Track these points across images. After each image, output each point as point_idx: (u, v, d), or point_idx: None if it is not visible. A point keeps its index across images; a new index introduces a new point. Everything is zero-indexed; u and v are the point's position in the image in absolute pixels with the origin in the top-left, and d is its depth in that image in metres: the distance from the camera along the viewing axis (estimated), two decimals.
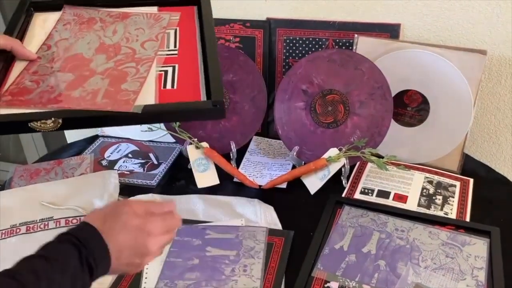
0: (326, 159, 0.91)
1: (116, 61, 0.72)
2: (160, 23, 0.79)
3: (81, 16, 0.81)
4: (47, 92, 0.66)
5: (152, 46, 0.74)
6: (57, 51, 0.74)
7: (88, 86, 0.67)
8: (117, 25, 0.79)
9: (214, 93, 0.65)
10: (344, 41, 1.05)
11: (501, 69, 0.99)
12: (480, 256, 0.74)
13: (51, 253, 0.51)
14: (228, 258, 0.76)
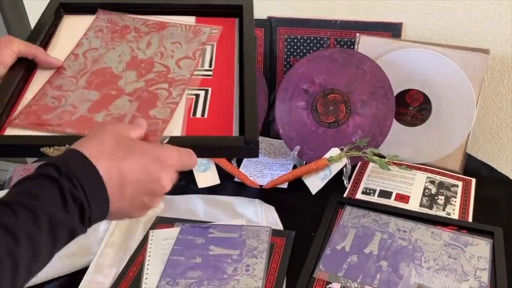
0: (328, 159, 0.91)
1: (148, 81, 0.65)
2: (199, 37, 0.72)
3: (114, 23, 0.73)
4: (68, 113, 0.59)
5: (188, 65, 0.67)
6: (85, 63, 0.67)
7: (113, 109, 0.60)
8: (152, 37, 0.72)
9: (249, 130, 0.57)
10: (345, 40, 1.04)
11: (504, 69, 0.99)
12: (483, 257, 0.74)
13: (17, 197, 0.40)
14: (231, 257, 0.75)
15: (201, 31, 0.73)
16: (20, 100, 0.62)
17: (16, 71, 0.63)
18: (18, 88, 0.62)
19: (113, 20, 0.74)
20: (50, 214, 0.39)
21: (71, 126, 0.58)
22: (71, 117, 0.59)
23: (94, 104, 0.61)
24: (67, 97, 0.62)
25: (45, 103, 0.61)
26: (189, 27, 0.73)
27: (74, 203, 0.41)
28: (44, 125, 0.58)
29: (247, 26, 0.73)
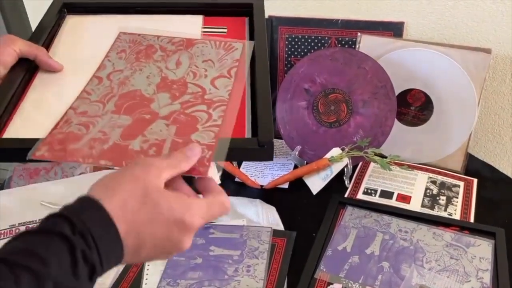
0: (329, 159, 0.90)
1: (183, 103, 0.59)
2: (232, 54, 0.66)
3: (137, 42, 0.68)
4: (99, 141, 0.53)
5: (225, 84, 0.62)
6: (111, 86, 0.61)
7: (150, 135, 0.54)
8: (181, 55, 0.66)
9: (263, 131, 0.54)
10: (347, 39, 1.04)
11: (506, 68, 0.99)
12: (485, 258, 0.74)
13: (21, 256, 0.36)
14: (232, 258, 0.75)
15: (233, 47, 0.67)
16: (21, 102, 0.60)
17: (17, 72, 0.62)
18: (18, 90, 0.61)
19: (135, 40, 0.68)
20: (56, 280, 0.36)
21: (105, 156, 0.51)
22: (103, 145, 0.52)
23: (127, 130, 0.55)
24: (95, 123, 0.55)
25: (71, 130, 0.54)
26: (219, 43, 0.68)
27: (85, 264, 0.37)
28: (74, 156, 0.51)
29: (258, 26, 0.71)
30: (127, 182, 0.42)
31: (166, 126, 0.55)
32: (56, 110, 0.59)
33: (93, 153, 0.51)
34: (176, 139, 0.53)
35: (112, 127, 0.54)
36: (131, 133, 0.54)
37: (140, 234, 0.40)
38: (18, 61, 0.62)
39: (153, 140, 0.53)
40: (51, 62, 0.64)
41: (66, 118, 0.56)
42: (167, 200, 0.42)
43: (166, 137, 0.54)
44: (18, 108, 0.60)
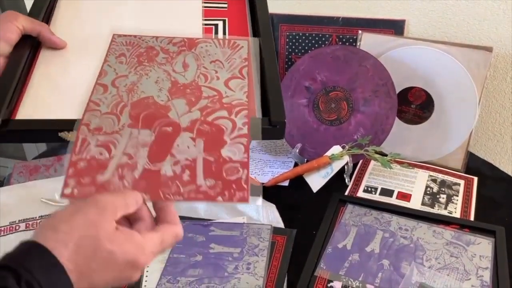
0: (329, 157, 0.90)
1: (202, 109, 0.55)
2: (239, 52, 0.63)
3: (135, 45, 0.63)
4: (128, 167, 0.49)
5: (240, 86, 0.58)
6: (118, 93, 0.56)
7: (179, 155, 0.50)
8: (186, 57, 0.62)
9: (274, 110, 0.55)
10: (347, 37, 1.04)
11: (507, 67, 0.98)
12: (485, 256, 0.73)
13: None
14: (232, 256, 0.75)
15: (238, 45, 0.64)
16: (28, 82, 0.59)
17: (21, 50, 0.61)
18: (25, 69, 0.60)
19: (132, 42, 0.63)
20: None
21: (139, 187, 0.48)
22: (132, 172, 0.49)
23: (153, 150, 0.51)
24: (116, 143, 0.51)
25: (92, 155, 0.50)
26: (223, 41, 0.64)
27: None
28: (106, 190, 0.48)
29: (260, 3, 0.70)
30: (81, 228, 0.39)
31: (193, 140, 0.52)
32: (63, 87, 0.59)
33: (126, 184, 0.48)
34: (207, 157, 0.50)
35: (136, 147, 0.51)
36: (159, 154, 0.50)
37: (92, 280, 0.40)
38: (21, 38, 0.61)
39: (184, 160, 0.50)
40: (55, 39, 0.63)
41: (82, 137, 0.51)
42: (120, 245, 0.41)
43: (197, 155, 0.51)
44: (26, 87, 0.59)
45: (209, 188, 0.48)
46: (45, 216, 0.82)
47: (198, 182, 0.48)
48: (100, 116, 0.53)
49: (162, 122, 0.53)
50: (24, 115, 0.56)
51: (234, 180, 0.49)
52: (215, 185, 0.48)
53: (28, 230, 0.80)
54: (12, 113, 0.56)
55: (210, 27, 0.69)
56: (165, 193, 0.48)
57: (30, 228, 0.80)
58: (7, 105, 0.55)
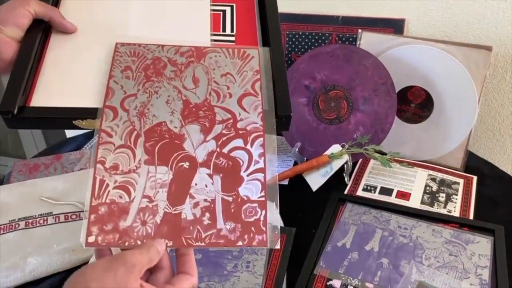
0: (329, 156, 0.90)
1: (217, 137, 0.54)
2: (250, 64, 0.60)
3: (140, 55, 0.59)
4: (149, 212, 0.49)
5: (254, 105, 0.56)
6: (130, 119, 0.54)
7: (198, 196, 0.50)
8: (196, 69, 0.59)
9: (281, 105, 0.56)
10: (347, 36, 1.04)
11: (506, 66, 0.99)
12: (484, 255, 0.74)
13: None
14: (231, 254, 0.75)
15: (248, 55, 0.61)
16: (40, 67, 0.59)
17: (33, 35, 0.61)
18: (37, 53, 0.60)
19: (137, 53, 0.60)
20: None
21: (162, 234, 0.48)
22: (154, 217, 0.49)
23: (172, 191, 0.51)
24: (134, 184, 0.50)
25: (112, 199, 0.50)
26: (232, 51, 0.61)
27: None
28: (131, 238, 0.48)
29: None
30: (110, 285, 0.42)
31: (210, 177, 0.52)
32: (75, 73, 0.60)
33: (149, 230, 0.48)
34: (225, 197, 0.51)
35: (155, 188, 0.50)
36: (177, 195, 0.50)
37: None
38: (33, 23, 0.61)
39: (203, 202, 0.50)
40: (66, 23, 0.63)
41: (99, 177, 0.51)
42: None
43: (215, 195, 0.51)
44: (39, 73, 0.59)
45: (229, 232, 0.49)
46: (45, 215, 0.82)
47: (218, 226, 0.49)
48: (114, 150, 0.52)
49: (179, 157, 0.52)
50: (38, 101, 0.56)
51: (253, 222, 0.50)
52: (235, 228, 0.49)
53: (28, 228, 0.80)
54: (27, 100, 0.56)
55: (218, 13, 0.69)
56: (187, 240, 0.49)
57: (29, 227, 0.80)
58: (22, 91, 0.56)
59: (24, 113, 0.55)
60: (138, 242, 0.48)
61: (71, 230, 0.80)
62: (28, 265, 0.74)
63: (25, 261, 0.74)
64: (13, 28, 0.59)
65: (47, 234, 0.79)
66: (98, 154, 0.52)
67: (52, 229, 0.80)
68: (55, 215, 0.82)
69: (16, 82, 0.56)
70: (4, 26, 0.59)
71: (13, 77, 0.57)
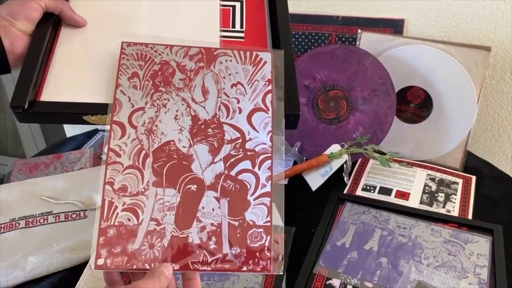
0: (328, 155, 0.91)
1: (225, 158, 0.53)
2: (262, 71, 0.57)
3: (147, 58, 0.56)
4: (157, 235, 0.50)
5: (263, 122, 0.55)
6: (138, 137, 0.53)
7: (205, 219, 0.50)
8: (205, 77, 0.56)
9: (290, 104, 0.57)
10: (347, 36, 1.04)
11: (505, 66, 0.99)
12: (483, 254, 0.74)
13: None
14: None
15: (261, 60, 0.58)
16: (50, 61, 0.60)
17: (43, 29, 0.61)
18: (47, 48, 0.60)
19: (144, 56, 0.57)
20: None
21: (169, 257, 0.49)
22: (162, 240, 0.49)
23: (179, 214, 0.51)
24: (143, 207, 0.51)
25: (120, 221, 0.50)
26: (244, 55, 0.58)
27: None
28: (139, 261, 0.49)
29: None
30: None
31: (217, 201, 0.51)
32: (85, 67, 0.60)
33: (156, 253, 0.49)
34: (231, 221, 0.51)
35: (163, 211, 0.51)
36: (184, 218, 0.51)
37: None
38: (43, 16, 0.61)
39: (210, 226, 0.50)
40: (76, 17, 0.63)
41: (107, 199, 0.50)
42: None
43: (221, 219, 0.51)
44: (48, 67, 0.59)
45: (235, 258, 0.50)
46: (45, 214, 0.83)
47: (224, 250, 0.50)
48: (122, 171, 0.52)
49: (186, 179, 0.52)
50: (48, 96, 0.57)
51: (258, 248, 0.50)
52: (240, 253, 0.50)
53: (28, 227, 0.80)
54: (37, 94, 0.57)
55: (227, 9, 0.69)
56: (193, 264, 0.49)
57: (30, 225, 0.80)
58: (33, 86, 0.56)
59: (34, 108, 0.55)
60: (146, 265, 0.48)
61: (71, 229, 0.80)
62: (28, 264, 0.74)
63: (25, 260, 0.74)
64: (24, 22, 0.60)
65: (47, 233, 0.79)
66: (107, 174, 0.51)
67: (52, 228, 0.80)
68: (55, 214, 0.83)
69: (26, 76, 0.56)
70: (15, 20, 0.59)
71: (23, 72, 0.57)
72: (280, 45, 0.63)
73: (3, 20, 0.59)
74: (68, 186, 0.89)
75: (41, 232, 0.79)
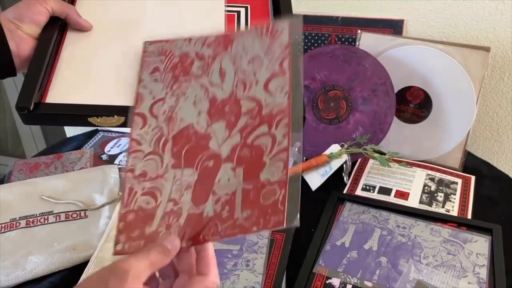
0: (328, 155, 0.91)
1: (242, 129, 0.51)
2: (280, 39, 0.55)
3: (168, 53, 0.57)
4: (173, 215, 0.48)
5: (280, 85, 0.52)
6: (158, 125, 0.53)
7: (220, 191, 0.48)
8: (223, 60, 0.55)
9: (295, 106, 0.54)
10: (347, 36, 1.04)
11: (504, 67, 0.99)
12: (482, 254, 0.74)
13: None
14: (231, 253, 0.76)
15: (277, 30, 0.55)
16: (56, 64, 0.60)
17: (49, 33, 0.61)
18: (53, 52, 0.61)
19: (165, 50, 0.57)
20: None
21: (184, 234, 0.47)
22: (178, 220, 0.48)
23: (196, 191, 0.49)
24: (161, 189, 0.50)
25: (139, 205, 0.49)
26: (261, 30, 0.56)
27: None
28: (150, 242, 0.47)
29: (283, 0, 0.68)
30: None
31: (233, 171, 0.49)
32: (90, 70, 0.60)
33: (172, 233, 0.47)
34: (246, 186, 0.48)
35: (180, 190, 0.49)
36: (201, 194, 0.49)
37: None
38: (49, 20, 0.62)
39: (224, 196, 0.48)
40: (82, 21, 0.63)
41: (128, 185, 0.50)
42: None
43: (236, 186, 0.48)
44: (54, 70, 0.60)
45: (245, 220, 0.46)
46: (45, 213, 0.83)
47: (235, 216, 0.47)
48: (143, 158, 0.52)
49: (204, 156, 0.51)
50: (54, 98, 0.57)
51: (270, 204, 0.46)
52: (251, 215, 0.46)
53: (29, 227, 0.80)
54: (43, 96, 0.57)
55: (232, 14, 0.69)
56: (204, 236, 0.47)
57: (30, 225, 0.81)
58: (38, 88, 0.56)
59: (39, 110, 0.56)
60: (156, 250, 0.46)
61: (72, 228, 0.80)
62: (29, 263, 0.74)
63: (26, 259, 0.74)
64: (30, 25, 0.60)
65: (48, 232, 0.79)
66: (129, 162, 0.51)
67: (53, 228, 0.80)
68: (56, 214, 0.83)
69: (32, 78, 0.57)
70: (22, 23, 0.60)
71: (29, 74, 0.57)
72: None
73: (10, 23, 0.60)
74: (68, 186, 0.89)
75: (42, 232, 0.79)
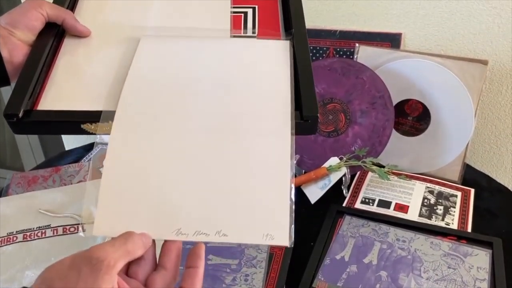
0: (327, 168, 0.91)
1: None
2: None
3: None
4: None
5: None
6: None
7: None
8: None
9: (307, 105, 0.52)
10: (345, 50, 1.05)
11: (502, 79, 1.00)
12: (482, 267, 0.74)
13: None
14: (229, 267, 0.75)
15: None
16: (51, 71, 0.57)
17: (45, 39, 0.59)
18: (48, 58, 0.58)
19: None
20: None
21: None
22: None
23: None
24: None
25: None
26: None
27: None
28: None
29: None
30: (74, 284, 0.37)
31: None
32: (87, 77, 0.57)
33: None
34: None
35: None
36: None
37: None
38: (45, 26, 0.60)
39: None
40: (79, 27, 0.61)
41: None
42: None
43: None
44: (49, 77, 0.57)
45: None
46: (43, 227, 0.82)
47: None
48: None
49: None
50: (47, 105, 0.54)
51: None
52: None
53: (26, 241, 0.80)
54: (35, 104, 0.54)
55: (239, 15, 0.67)
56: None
57: (27, 239, 0.80)
58: (29, 95, 0.53)
59: (30, 117, 0.52)
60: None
61: (69, 243, 0.80)
62: (25, 278, 0.73)
63: (23, 274, 0.74)
64: (24, 31, 0.58)
65: (45, 247, 0.79)
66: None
67: (50, 242, 0.80)
68: (53, 228, 0.82)
69: (22, 85, 0.54)
70: (15, 29, 0.57)
71: (20, 80, 0.54)
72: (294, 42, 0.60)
73: (2, 29, 0.57)
74: (66, 200, 0.88)
75: (39, 246, 0.79)
